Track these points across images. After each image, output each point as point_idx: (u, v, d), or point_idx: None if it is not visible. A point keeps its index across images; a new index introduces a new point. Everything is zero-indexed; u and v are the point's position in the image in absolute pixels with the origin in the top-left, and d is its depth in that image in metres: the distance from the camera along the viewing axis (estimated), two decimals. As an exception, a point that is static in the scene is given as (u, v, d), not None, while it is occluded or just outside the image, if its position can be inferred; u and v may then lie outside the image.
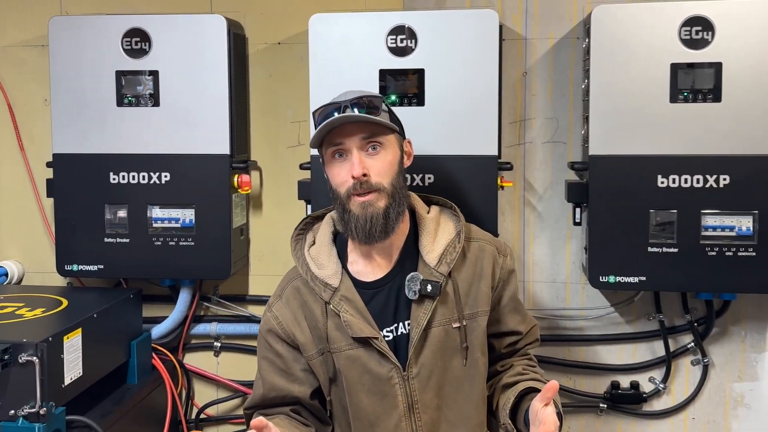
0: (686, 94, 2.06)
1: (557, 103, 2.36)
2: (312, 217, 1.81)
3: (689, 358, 2.39)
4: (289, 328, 1.70)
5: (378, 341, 1.62)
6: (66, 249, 2.32)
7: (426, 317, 1.63)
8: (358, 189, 1.59)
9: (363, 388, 1.65)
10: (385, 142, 1.62)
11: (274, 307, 1.74)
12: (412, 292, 1.63)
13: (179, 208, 2.29)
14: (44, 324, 1.97)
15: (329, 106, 1.62)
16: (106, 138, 2.28)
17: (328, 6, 2.37)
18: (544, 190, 2.40)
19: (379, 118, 1.60)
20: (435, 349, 1.64)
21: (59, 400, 1.86)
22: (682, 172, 2.08)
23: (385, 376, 1.63)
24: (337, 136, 1.61)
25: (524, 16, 2.35)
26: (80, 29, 2.26)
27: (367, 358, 1.64)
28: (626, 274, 2.13)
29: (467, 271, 1.69)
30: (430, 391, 1.65)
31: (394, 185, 1.62)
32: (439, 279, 1.64)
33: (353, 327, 1.62)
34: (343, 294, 1.65)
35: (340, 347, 1.65)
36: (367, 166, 1.59)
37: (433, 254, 1.66)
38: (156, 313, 2.51)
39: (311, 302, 1.69)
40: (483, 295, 1.69)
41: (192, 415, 2.58)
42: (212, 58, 2.23)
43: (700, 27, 2.04)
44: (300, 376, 1.71)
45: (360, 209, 1.60)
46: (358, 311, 1.65)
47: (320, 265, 1.69)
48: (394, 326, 1.66)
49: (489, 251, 1.73)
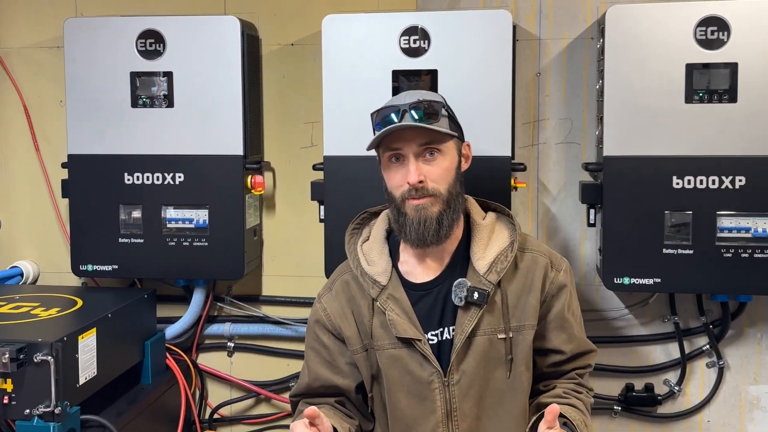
0: (702, 94, 2.04)
1: (571, 104, 2.35)
2: (369, 213, 1.80)
3: (704, 361, 2.38)
4: (336, 320, 1.71)
5: (421, 343, 1.62)
6: (81, 249, 2.33)
7: (471, 325, 1.61)
8: (413, 194, 1.58)
9: (403, 388, 1.64)
10: (443, 149, 1.60)
11: (323, 298, 1.75)
12: (458, 299, 1.62)
13: (193, 209, 2.29)
14: (59, 324, 1.98)
15: (388, 108, 1.62)
16: (120, 139, 2.29)
17: (341, 7, 2.37)
18: (558, 191, 2.38)
19: (438, 123, 1.58)
20: (478, 358, 1.62)
21: (74, 399, 1.86)
22: (697, 173, 2.06)
23: (425, 379, 1.62)
24: (395, 141, 1.60)
25: (538, 17, 2.34)
26: (95, 31, 2.27)
27: (409, 359, 1.63)
28: (641, 275, 2.11)
29: (518, 282, 1.66)
30: (470, 399, 1.63)
31: (451, 191, 1.61)
32: (487, 287, 1.62)
33: (397, 326, 1.62)
34: (390, 293, 1.65)
35: (383, 345, 1.65)
36: (424, 173, 1.58)
37: (484, 262, 1.64)
38: (170, 313, 2.52)
39: (359, 297, 1.69)
40: (531, 308, 1.65)
41: (205, 415, 2.58)
42: (226, 59, 2.24)
43: (715, 27, 2.02)
44: (345, 369, 1.71)
45: (414, 212, 1.59)
46: (404, 311, 1.64)
47: (371, 262, 1.68)
48: (439, 330, 1.64)
49: (542, 263, 1.69)
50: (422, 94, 1.65)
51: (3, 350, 1.73)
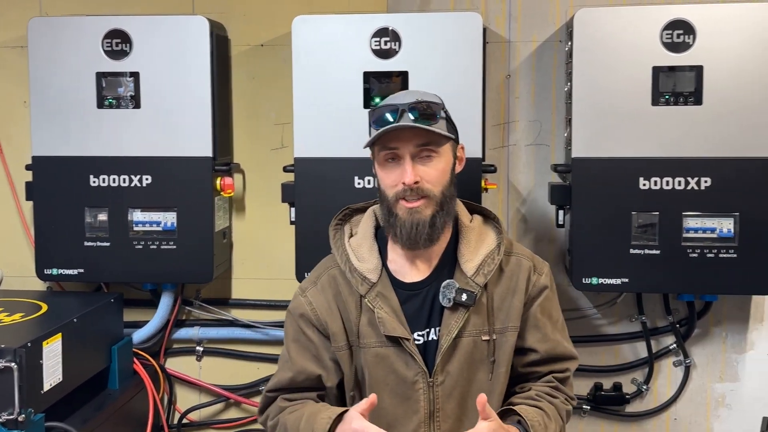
0: (668, 96, 2.07)
1: (540, 106, 2.37)
2: (351, 209, 1.79)
3: (671, 359, 2.41)
4: (323, 315, 1.68)
5: (409, 343, 1.61)
6: (46, 253, 2.29)
7: (457, 326, 1.61)
8: (407, 195, 1.58)
9: (386, 388, 1.64)
10: (439, 150, 1.61)
11: (308, 292, 1.72)
12: (446, 299, 1.62)
13: (161, 212, 2.27)
14: (23, 329, 1.94)
15: (385, 107, 1.61)
16: (86, 140, 2.26)
17: (312, 8, 2.37)
18: (528, 192, 2.40)
19: (436, 125, 1.58)
20: (463, 359, 1.63)
21: (38, 406, 1.83)
22: (663, 175, 2.09)
23: (410, 379, 1.62)
24: (392, 141, 1.59)
25: (508, 19, 2.36)
26: (60, 30, 2.23)
27: (395, 358, 1.63)
28: (609, 275, 2.14)
29: (503, 284, 1.68)
30: (453, 400, 1.63)
31: (444, 193, 1.61)
32: (474, 289, 1.63)
33: (386, 324, 1.61)
34: (380, 290, 1.64)
35: (369, 343, 1.64)
36: (420, 174, 1.58)
37: (471, 264, 1.65)
38: (137, 317, 2.49)
39: (346, 294, 1.68)
40: (515, 310, 1.67)
41: (174, 420, 2.55)
42: (194, 59, 2.22)
43: (681, 30, 2.05)
44: (328, 364, 1.69)
45: (407, 215, 1.59)
46: (392, 310, 1.63)
47: (361, 258, 1.67)
48: (425, 331, 1.65)
49: (525, 266, 1.70)
50: (421, 94, 1.64)
51: (-35, 356, 1.70)
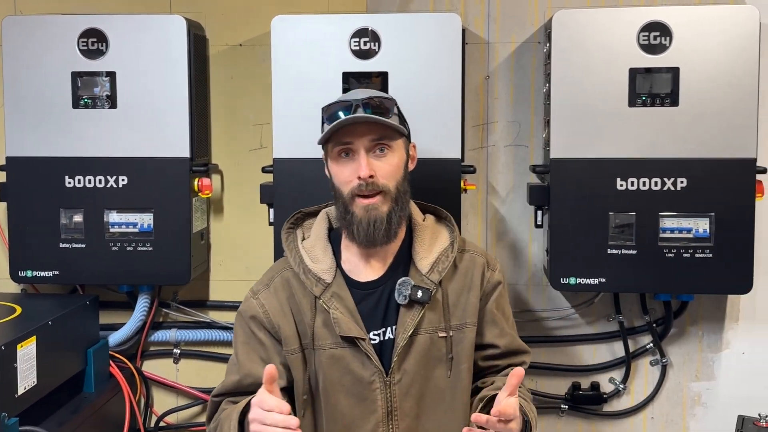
0: (644, 98, 2.10)
1: (519, 107, 2.38)
2: (303, 213, 1.78)
3: (648, 359, 2.43)
4: (275, 318, 1.67)
5: (365, 343, 1.61)
6: (20, 254, 2.26)
7: (413, 324, 1.62)
8: (363, 190, 1.58)
9: (342, 389, 1.63)
10: (393, 145, 1.61)
11: (260, 294, 1.70)
12: (402, 297, 1.62)
13: (137, 213, 2.25)
14: (-3, 332, 1.91)
15: (339, 103, 1.61)
16: (61, 141, 2.23)
17: (291, 8, 2.36)
18: (507, 193, 2.42)
19: (390, 120, 1.59)
20: (419, 357, 1.63)
21: (12, 410, 1.81)
22: (640, 175, 2.11)
23: (367, 379, 1.62)
24: (346, 135, 1.59)
25: (486, 20, 2.37)
26: (35, 29, 2.21)
27: (350, 359, 1.62)
28: (586, 275, 2.15)
29: (457, 281, 1.69)
30: (410, 398, 1.63)
31: (399, 189, 1.61)
32: (429, 286, 1.63)
33: (342, 325, 1.60)
34: (334, 291, 1.64)
35: (324, 345, 1.63)
36: (374, 168, 1.58)
37: (426, 261, 1.65)
38: (113, 319, 2.46)
39: (300, 296, 1.67)
40: (471, 306, 1.68)
41: (151, 423, 2.53)
42: (171, 59, 2.20)
43: (658, 32, 2.07)
44: (279, 368, 1.66)
45: (363, 212, 1.59)
46: (347, 310, 1.63)
47: (315, 259, 1.67)
48: (381, 330, 1.64)
49: (479, 263, 1.72)
50: (373, 92, 1.66)
51: (-63, 360, 1.66)
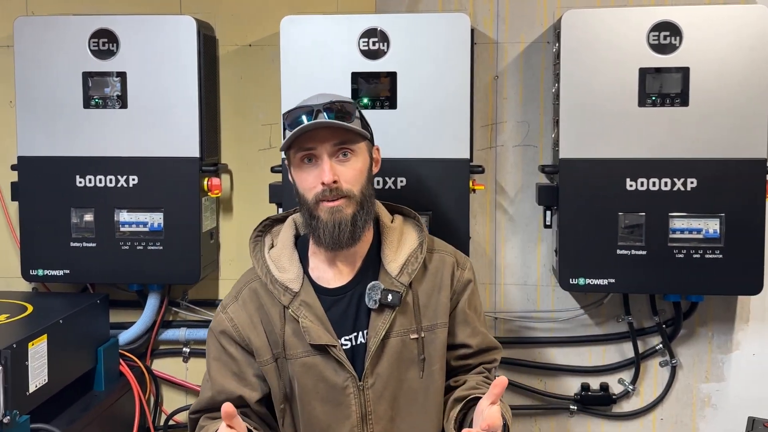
0: (654, 98, 2.09)
1: (528, 107, 2.38)
2: (271, 219, 1.78)
3: (658, 360, 2.42)
4: (244, 331, 1.67)
5: (336, 349, 1.60)
6: (31, 253, 2.28)
7: (384, 327, 1.61)
8: (327, 195, 1.57)
9: (317, 396, 1.63)
10: (356, 149, 1.60)
11: (229, 308, 1.70)
12: (372, 301, 1.62)
13: (147, 212, 2.26)
14: (8, 330, 1.93)
15: (300, 109, 1.60)
16: (72, 140, 2.24)
17: (300, 8, 2.36)
18: (516, 193, 2.41)
19: (351, 124, 1.58)
20: (392, 360, 1.63)
21: (24, 408, 1.82)
22: (650, 176, 2.10)
23: (340, 385, 1.62)
24: (308, 141, 1.58)
25: (495, 20, 2.37)
26: (46, 30, 2.22)
27: (323, 366, 1.62)
28: (596, 276, 2.15)
29: (428, 282, 1.68)
30: (384, 402, 1.63)
31: (364, 192, 1.61)
32: (399, 289, 1.63)
33: (311, 333, 1.60)
34: (303, 299, 1.63)
35: (296, 354, 1.63)
36: (338, 173, 1.57)
37: (395, 264, 1.65)
38: (123, 318, 2.48)
39: (269, 306, 1.66)
40: (442, 306, 1.68)
41: (160, 421, 2.54)
42: (181, 59, 2.21)
43: (668, 32, 2.07)
44: (252, 380, 1.67)
45: (328, 215, 1.58)
46: (317, 318, 1.62)
47: (281, 269, 1.66)
48: (353, 335, 1.64)
49: (449, 262, 1.71)
50: (334, 96, 1.64)
51: (-51, 358, 1.68)
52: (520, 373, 2.45)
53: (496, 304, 2.44)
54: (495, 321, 2.44)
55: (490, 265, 2.43)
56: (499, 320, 2.45)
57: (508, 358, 2.43)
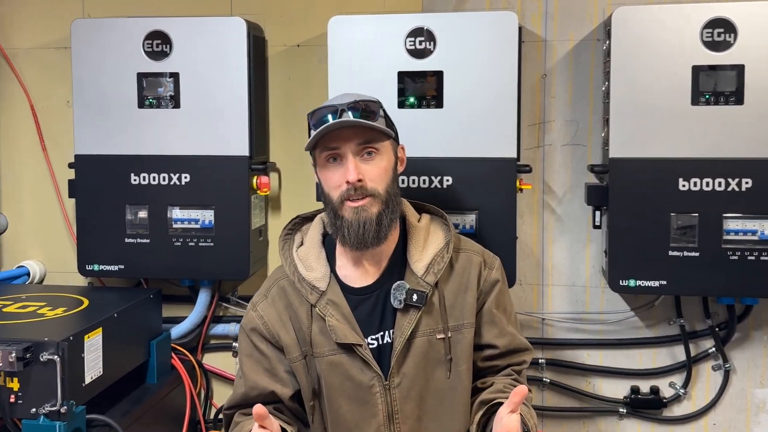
0: (708, 96, 2.04)
1: (577, 106, 2.34)
2: (301, 218, 1.80)
3: (710, 363, 2.37)
4: (274, 328, 1.69)
5: (362, 348, 1.61)
6: (87, 249, 2.34)
7: (410, 327, 1.61)
8: (352, 194, 1.58)
9: (344, 394, 1.64)
10: (380, 148, 1.61)
11: (259, 306, 1.72)
12: (397, 301, 1.62)
13: (199, 209, 2.30)
14: (65, 323, 1.98)
15: (325, 108, 1.61)
16: (127, 139, 2.29)
17: (347, 8, 2.37)
18: (564, 192, 2.38)
19: (376, 123, 1.59)
20: (418, 359, 1.63)
21: (80, 398, 1.87)
22: (703, 176, 2.05)
23: (366, 384, 1.62)
24: (333, 140, 1.59)
25: (544, 18, 2.34)
26: (102, 32, 2.28)
27: (349, 365, 1.62)
28: (647, 278, 2.11)
29: (454, 282, 1.67)
30: (411, 401, 1.63)
31: (389, 191, 1.61)
32: (425, 289, 1.62)
33: (338, 332, 1.61)
34: (329, 298, 1.64)
35: (322, 352, 1.64)
36: (362, 172, 1.58)
37: (421, 264, 1.65)
38: (175, 313, 2.53)
39: (297, 304, 1.67)
40: (469, 306, 1.67)
41: (210, 415, 2.59)
42: (232, 60, 2.24)
43: (722, 29, 2.01)
44: (283, 376, 1.69)
45: (353, 214, 1.58)
46: (343, 316, 1.63)
47: (308, 267, 1.67)
48: (379, 334, 1.64)
49: (476, 262, 1.70)
50: (359, 95, 1.64)
51: (10, 349, 1.74)
52: (568, 375, 2.42)
53: (543, 305, 2.41)
54: (542, 322, 2.42)
55: (537, 265, 2.41)
56: (546, 322, 2.42)
57: (556, 360, 2.41)
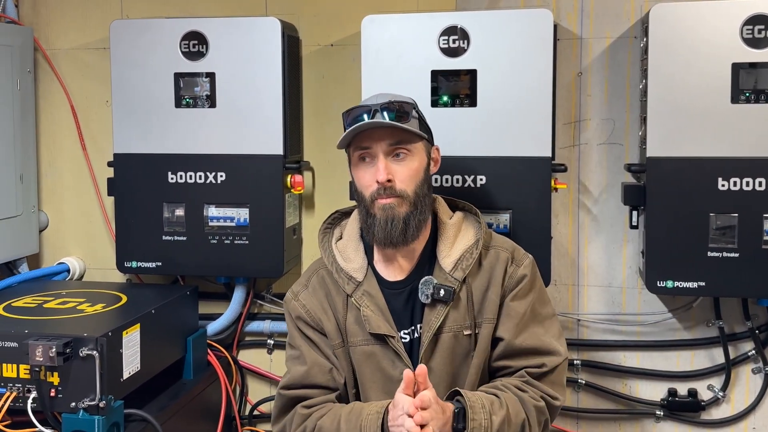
0: (748, 94, 1.99)
1: (613, 104, 2.31)
2: (341, 213, 1.83)
3: (750, 366, 2.32)
4: (317, 315, 1.72)
5: (394, 340, 1.63)
6: (126, 246, 2.38)
7: (438, 322, 1.63)
8: (381, 194, 1.60)
9: (374, 385, 1.66)
10: (412, 149, 1.63)
11: (300, 295, 1.76)
12: (424, 296, 1.64)
13: (234, 207, 2.32)
14: (104, 319, 2.02)
15: (359, 108, 1.64)
16: (164, 138, 2.32)
17: (381, 7, 2.37)
18: (600, 192, 2.35)
19: (408, 124, 1.60)
20: (445, 355, 1.64)
21: (118, 393, 1.90)
22: (743, 175, 2.01)
23: (396, 377, 1.63)
24: (365, 140, 1.62)
25: (580, 15, 2.31)
26: (140, 32, 2.31)
27: (381, 356, 1.65)
28: (685, 279, 2.08)
29: (481, 278, 1.68)
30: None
31: (418, 193, 1.63)
32: (453, 284, 1.63)
33: (371, 322, 1.64)
34: (365, 289, 1.67)
35: (356, 341, 1.67)
36: (392, 172, 1.60)
37: (449, 259, 1.66)
38: (211, 310, 2.56)
39: (334, 294, 1.71)
40: (491, 303, 1.66)
41: (246, 411, 2.61)
42: (267, 59, 2.26)
43: (762, 26, 1.96)
44: (334, 359, 1.71)
45: (381, 212, 1.61)
46: (378, 308, 1.66)
47: (347, 258, 1.71)
48: (411, 329, 1.67)
49: (503, 258, 1.70)
50: (393, 96, 1.66)
51: (50, 344, 1.77)
52: (604, 376, 2.39)
53: (579, 306, 2.39)
54: (578, 323, 2.40)
55: (572, 265, 2.38)
56: (582, 323, 2.39)
57: (591, 361, 2.38)
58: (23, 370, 1.84)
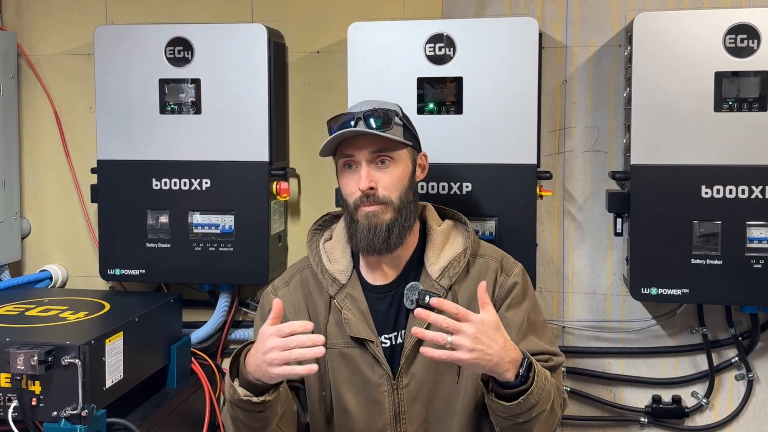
0: (731, 102, 2.02)
1: (598, 112, 2.33)
2: (332, 215, 1.83)
3: (733, 373, 2.34)
4: (289, 316, 1.70)
5: (374, 345, 1.63)
6: (109, 253, 2.36)
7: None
8: (365, 201, 1.61)
9: (351, 388, 1.66)
10: (395, 156, 1.63)
11: (279, 291, 1.76)
12: (409, 301, 1.64)
13: (219, 214, 2.31)
14: (87, 327, 2.00)
15: (343, 116, 1.64)
16: (149, 145, 2.31)
17: (367, 14, 2.37)
18: (584, 199, 2.36)
19: (391, 131, 1.61)
20: (427, 361, 1.62)
21: (100, 402, 1.88)
22: (726, 183, 2.03)
23: (375, 381, 1.64)
24: (348, 148, 1.63)
25: (564, 24, 2.33)
26: (125, 38, 2.30)
27: (360, 360, 1.65)
28: (668, 286, 2.09)
29: (469, 287, 1.67)
30: (418, 403, 1.64)
31: (402, 199, 1.63)
32: (439, 291, 1.63)
33: (351, 326, 1.64)
34: (349, 292, 1.67)
35: (336, 344, 1.66)
36: (375, 179, 1.61)
37: (437, 266, 1.66)
38: (196, 317, 2.54)
39: (316, 295, 1.71)
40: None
41: (229, 419, 2.59)
42: (252, 66, 2.25)
43: (745, 35, 1.99)
44: None
45: (365, 219, 1.62)
46: (360, 312, 1.66)
47: (333, 260, 1.71)
48: (393, 334, 1.67)
49: (492, 268, 1.70)
50: (378, 103, 1.67)
51: (31, 353, 1.75)
52: (589, 383, 2.40)
53: (564, 312, 2.40)
54: (563, 330, 2.40)
55: (557, 272, 2.39)
56: (566, 330, 2.40)
57: (576, 368, 2.39)
58: (4, 378, 1.81)
